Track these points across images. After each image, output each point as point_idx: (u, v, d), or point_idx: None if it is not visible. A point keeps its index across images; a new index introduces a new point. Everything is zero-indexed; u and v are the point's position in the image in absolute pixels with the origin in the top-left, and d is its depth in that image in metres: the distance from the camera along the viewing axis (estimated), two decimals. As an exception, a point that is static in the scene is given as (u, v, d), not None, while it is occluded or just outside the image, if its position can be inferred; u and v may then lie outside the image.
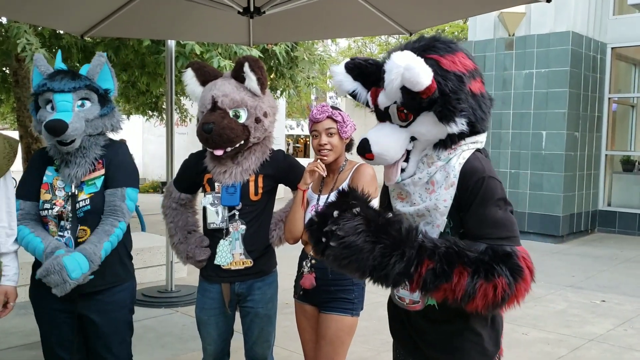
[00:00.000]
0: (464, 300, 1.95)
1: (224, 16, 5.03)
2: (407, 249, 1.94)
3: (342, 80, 2.28)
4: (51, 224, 2.99)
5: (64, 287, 2.79)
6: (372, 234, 1.93)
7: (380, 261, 1.92)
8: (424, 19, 5.20)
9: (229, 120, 3.14)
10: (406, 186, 2.19)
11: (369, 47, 28.98)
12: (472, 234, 2.08)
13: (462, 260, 1.95)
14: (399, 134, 2.14)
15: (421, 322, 2.29)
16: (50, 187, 3.00)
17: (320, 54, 9.98)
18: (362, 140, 2.16)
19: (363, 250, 1.91)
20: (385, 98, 2.14)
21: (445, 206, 2.11)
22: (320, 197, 3.24)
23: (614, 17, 12.37)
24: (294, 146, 41.37)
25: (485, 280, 1.92)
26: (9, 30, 6.77)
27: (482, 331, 2.24)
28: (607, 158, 12.77)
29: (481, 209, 2.07)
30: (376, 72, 2.18)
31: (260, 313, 3.33)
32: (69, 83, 2.93)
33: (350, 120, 3.23)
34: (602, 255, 10.14)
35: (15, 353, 5.09)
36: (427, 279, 1.94)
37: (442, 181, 2.13)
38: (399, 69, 1.97)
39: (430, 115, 2.08)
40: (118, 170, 3.07)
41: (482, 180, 2.09)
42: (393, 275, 1.94)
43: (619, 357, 5.27)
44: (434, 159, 2.15)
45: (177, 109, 13.24)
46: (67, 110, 2.90)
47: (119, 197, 3.01)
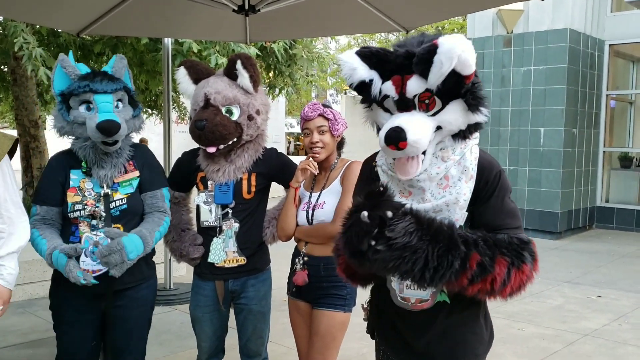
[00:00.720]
0: (499, 289, 2.00)
1: (220, 14, 5.04)
2: (460, 245, 1.96)
3: (357, 68, 2.16)
4: (83, 224, 3.01)
5: (122, 267, 2.87)
6: (426, 234, 1.93)
7: (440, 262, 1.92)
8: (421, 16, 5.21)
9: (221, 117, 3.16)
10: (420, 182, 2.14)
11: (369, 44, 28.96)
12: (490, 224, 2.13)
13: (500, 250, 2.02)
14: (429, 123, 2.08)
15: (422, 320, 2.27)
16: (79, 190, 3.02)
17: (319, 52, 9.97)
18: (395, 128, 2.04)
19: (418, 250, 1.91)
20: (418, 84, 2.06)
21: (465, 200, 2.13)
22: (312, 194, 3.26)
23: (611, 14, 12.38)
24: (294, 144, 41.32)
25: (517, 268, 2.02)
26: (6, 28, 6.78)
27: (482, 321, 2.31)
28: (605, 155, 12.79)
29: (499, 201, 2.16)
30: (398, 59, 2.11)
31: (254, 310, 3.35)
32: (109, 84, 2.98)
33: (341, 118, 3.25)
34: (599, 251, 10.17)
35: (13, 351, 5.11)
36: (475, 272, 1.97)
37: (460, 175, 2.14)
38: (456, 50, 1.93)
39: (459, 104, 2.09)
40: (153, 172, 3.20)
41: (499, 174, 2.18)
42: (449, 274, 1.95)
43: (613, 351, 5.30)
44: (449, 152, 2.14)
45: (176, 107, 13.26)
46: (109, 111, 2.95)
47: (160, 199, 3.18)
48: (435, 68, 1.98)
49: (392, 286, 2.28)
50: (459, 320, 2.26)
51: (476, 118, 2.12)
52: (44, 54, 6.61)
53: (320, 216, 3.17)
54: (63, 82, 3.03)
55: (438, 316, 2.25)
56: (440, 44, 1.96)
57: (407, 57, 2.08)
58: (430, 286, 2.02)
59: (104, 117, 2.89)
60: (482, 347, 2.32)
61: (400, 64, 2.10)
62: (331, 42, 28.21)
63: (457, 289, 2.04)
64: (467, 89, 2.06)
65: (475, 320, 2.30)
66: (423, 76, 2.04)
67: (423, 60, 2.01)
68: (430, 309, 2.23)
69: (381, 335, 2.51)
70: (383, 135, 2.07)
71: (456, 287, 2.02)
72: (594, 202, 12.60)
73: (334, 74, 29.59)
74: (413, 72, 2.06)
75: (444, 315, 2.24)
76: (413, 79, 2.06)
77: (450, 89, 2.04)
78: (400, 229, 1.90)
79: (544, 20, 11.24)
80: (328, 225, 3.12)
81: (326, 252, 3.14)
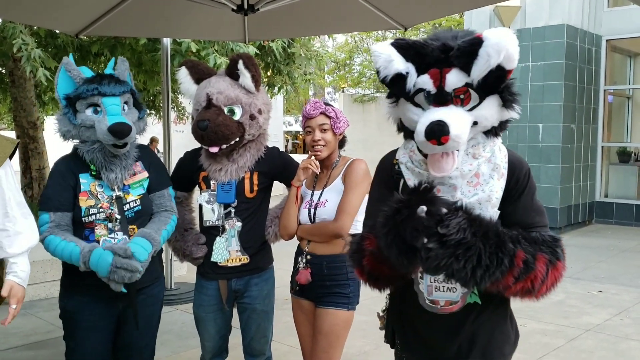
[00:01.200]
0: (538, 287, 1.99)
1: (219, 13, 5.04)
2: (508, 242, 1.94)
3: (394, 60, 2.07)
4: (99, 227, 2.99)
5: (135, 275, 2.85)
6: (478, 230, 1.89)
7: (491, 259, 1.89)
8: (418, 13, 5.21)
9: (223, 117, 3.17)
10: (452, 179, 2.09)
11: (366, 41, 28.95)
12: (521, 223, 2.10)
13: (539, 247, 2.01)
14: (467, 118, 2.04)
15: (452, 323, 2.22)
16: (90, 193, 3.01)
17: (317, 50, 9.97)
18: (438, 122, 1.96)
19: (472, 248, 1.86)
20: (458, 78, 2.01)
21: (497, 197, 2.10)
22: (314, 193, 3.26)
23: (608, 9, 12.40)
24: (292, 143, 41.34)
25: (553, 265, 2.01)
26: (4, 30, 6.77)
27: (509, 321, 2.31)
28: (604, 150, 12.81)
29: (529, 199, 2.15)
30: (435, 52, 2.05)
31: (258, 309, 3.36)
32: (117, 87, 2.98)
33: (343, 116, 3.25)
34: (599, 246, 10.18)
35: (15, 353, 5.11)
36: (521, 270, 1.95)
37: (491, 173, 2.12)
38: (504, 43, 1.91)
39: (495, 99, 2.06)
40: (159, 173, 3.23)
41: (529, 172, 2.17)
42: (498, 273, 1.91)
43: (615, 346, 5.31)
44: (481, 149, 2.11)
45: (175, 107, 13.24)
46: (118, 114, 2.95)
47: (167, 198, 3.23)
48: (481, 61, 1.94)
49: (420, 289, 2.22)
50: (488, 321, 2.23)
51: (509, 114, 2.11)
52: (42, 55, 6.60)
53: (322, 214, 3.17)
54: (68, 85, 3.01)
55: (467, 319, 2.21)
56: (487, 37, 1.93)
57: (444, 50, 2.03)
58: (477, 285, 1.95)
59: (114, 120, 2.89)
60: (510, 347, 2.31)
61: (437, 57, 2.04)
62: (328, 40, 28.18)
63: (501, 288, 1.99)
64: (505, 85, 2.04)
65: (503, 321, 2.28)
66: (464, 70, 1.99)
67: (466, 53, 1.97)
68: (459, 312, 2.18)
69: (404, 343, 2.44)
70: (423, 129, 1.99)
71: (500, 286, 1.97)
72: (593, 197, 12.61)
73: (332, 72, 29.64)
74: (451, 66, 2.01)
75: (473, 317, 2.21)
76: (453, 72, 2.01)
77: (490, 83, 2.00)
78: (454, 224, 1.85)
79: (541, 16, 11.26)
80: (330, 224, 3.12)
81: (329, 250, 3.16)
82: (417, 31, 24.40)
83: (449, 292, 2.16)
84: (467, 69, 1.98)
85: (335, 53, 29.25)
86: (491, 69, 1.95)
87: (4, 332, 5.55)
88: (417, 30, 24.37)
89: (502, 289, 1.99)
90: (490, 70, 1.95)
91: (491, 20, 11.81)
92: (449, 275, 1.92)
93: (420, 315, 2.26)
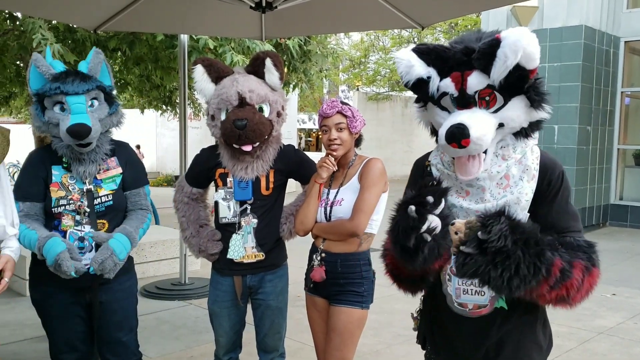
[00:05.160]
0: (573, 295, 1.95)
1: (236, 11, 5.06)
2: (546, 251, 1.89)
3: (414, 65, 2.09)
4: (67, 217, 3.03)
5: (115, 269, 2.96)
6: (519, 238, 1.84)
7: (529, 269, 1.84)
8: (435, 12, 5.21)
9: (259, 116, 3.19)
10: (480, 181, 2.09)
11: (382, 40, 28.92)
12: (555, 227, 2.07)
13: (576, 254, 1.97)
14: (491, 120, 2.03)
15: (480, 327, 2.21)
16: (61, 185, 3.05)
17: (333, 47, 9.97)
18: (458, 125, 1.97)
19: (512, 256, 1.82)
20: (479, 80, 2.01)
21: (526, 200, 2.08)
22: (330, 191, 3.26)
23: (627, 10, 12.31)
24: (305, 140, 41.34)
25: (589, 272, 1.97)
26: (24, 24, 6.82)
27: (539, 328, 2.25)
28: (619, 152, 12.73)
29: (563, 202, 2.11)
30: (456, 55, 2.06)
31: (272, 305, 3.37)
32: (81, 85, 2.96)
33: (359, 115, 3.25)
34: (613, 249, 10.13)
35: (29, 345, 5.16)
36: (557, 279, 1.91)
37: (521, 174, 2.09)
38: (522, 43, 1.89)
39: (521, 100, 2.04)
40: (135, 170, 3.26)
41: (562, 174, 2.13)
42: (534, 282, 1.87)
43: (629, 350, 5.28)
44: (510, 151, 2.09)
45: (190, 103, 13.28)
46: (81, 112, 2.95)
47: (142, 197, 3.27)
48: (499, 62, 1.93)
49: (449, 291, 2.22)
50: (516, 327, 2.20)
51: (539, 115, 2.08)
52: (62, 49, 6.64)
53: (338, 213, 3.18)
54: (37, 81, 3.01)
55: (494, 324, 2.18)
56: (504, 37, 1.92)
57: (465, 53, 2.03)
58: (511, 294, 1.91)
59: (74, 120, 2.89)
60: (540, 355, 2.26)
61: (459, 60, 2.04)
62: (344, 38, 28.18)
63: (534, 296, 1.96)
64: (530, 85, 2.02)
65: (532, 327, 2.23)
66: (485, 72, 1.99)
67: (485, 55, 1.97)
68: (487, 316, 2.17)
69: (433, 346, 2.44)
70: (444, 132, 2.00)
71: (534, 294, 1.94)
72: (608, 199, 12.54)
73: (347, 70, 29.61)
74: (473, 68, 2.01)
75: (499, 323, 2.18)
76: (474, 74, 2.01)
77: (512, 84, 1.99)
78: (496, 231, 1.80)
79: (558, 17, 11.20)
80: (346, 222, 3.13)
81: (344, 248, 3.17)
82: (433, 30, 24.34)
83: (477, 295, 2.15)
84: (488, 70, 1.98)
85: (351, 51, 29.24)
86: (510, 69, 1.94)
87: (19, 324, 5.61)
88: (434, 30, 24.31)
89: (535, 297, 1.97)
90: (510, 70, 1.94)
91: (508, 20, 11.76)
92: (483, 282, 1.88)
93: (450, 318, 2.26)
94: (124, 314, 3.20)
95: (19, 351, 5.00)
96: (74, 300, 3.08)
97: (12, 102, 14.76)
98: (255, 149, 3.23)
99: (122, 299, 3.18)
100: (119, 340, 3.19)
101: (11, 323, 5.67)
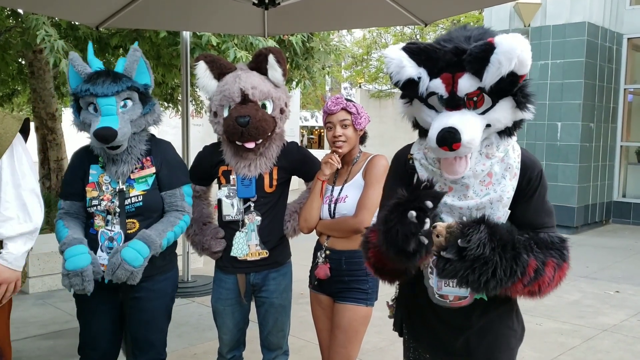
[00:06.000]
0: (544, 289, 2.01)
1: (238, 7, 5.05)
2: (522, 254, 1.95)
3: (405, 65, 2.07)
4: (98, 218, 3.04)
5: (133, 276, 2.90)
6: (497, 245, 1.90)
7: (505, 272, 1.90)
8: (438, 9, 5.20)
9: (262, 113, 3.18)
10: (465, 179, 2.10)
11: (384, 37, 28.90)
12: (532, 223, 2.13)
13: (549, 252, 2.03)
14: (479, 122, 2.03)
15: (460, 317, 2.26)
16: (97, 185, 3.06)
17: (336, 44, 9.95)
18: (449, 129, 1.97)
19: (489, 262, 1.88)
20: (470, 83, 2.00)
21: (508, 197, 2.11)
22: (334, 188, 3.26)
23: (630, 7, 12.28)
24: (308, 137, 41.36)
25: (560, 267, 2.04)
26: (27, 21, 6.82)
27: (514, 315, 2.33)
28: (622, 149, 12.70)
29: (540, 200, 2.16)
30: (447, 56, 2.04)
31: (275, 303, 3.37)
32: (111, 87, 2.94)
33: (364, 112, 3.25)
34: (616, 246, 10.12)
35: (33, 343, 5.16)
36: (531, 278, 1.97)
37: (503, 172, 2.12)
38: (516, 51, 1.89)
39: (508, 101, 2.05)
40: (173, 170, 3.18)
41: (541, 172, 2.17)
42: (510, 282, 1.93)
43: (632, 347, 5.27)
44: (494, 149, 2.11)
45: (193, 101, 13.27)
46: (112, 114, 2.94)
47: (179, 198, 3.17)
48: (492, 68, 1.93)
49: (430, 284, 2.25)
50: (495, 316, 2.26)
51: (523, 115, 2.10)
52: (65, 46, 6.64)
53: (342, 210, 3.17)
54: (74, 81, 3.04)
55: (473, 313, 2.24)
56: (499, 44, 1.91)
57: (456, 53, 2.02)
58: (487, 293, 1.98)
59: (102, 124, 2.88)
60: (516, 340, 2.34)
61: (449, 61, 2.03)
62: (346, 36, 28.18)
63: (508, 293, 2.02)
64: (518, 87, 2.02)
65: (509, 316, 2.31)
66: (476, 75, 1.98)
67: (477, 59, 1.95)
68: (467, 307, 2.21)
69: (412, 333, 2.47)
70: (435, 135, 2.00)
71: (509, 291, 2.00)
72: (611, 197, 12.52)
73: (349, 67, 29.60)
74: (464, 70, 2.00)
75: (480, 312, 2.24)
76: (465, 77, 2.00)
77: (502, 88, 1.99)
78: (475, 240, 1.86)
79: (561, 14, 11.17)
80: (350, 219, 3.13)
81: (348, 245, 3.17)
82: (435, 27, 24.31)
83: (458, 287, 2.14)
84: (479, 74, 1.98)
85: (353, 48, 29.24)
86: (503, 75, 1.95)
87: (23, 322, 5.61)
88: (436, 27, 24.29)
89: (510, 292, 2.02)
90: (502, 77, 1.95)
91: (511, 17, 11.74)
92: (461, 284, 1.94)
93: (429, 307, 2.30)
94: (152, 313, 3.17)
95: (22, 349, 5.00)
96: (106, 299, 3.07)
97: (15, 99, 14.78)
98: (258, 146, 3.22)
99: (153, 299, 3.14)
100: (145, 339, 3.19)
101: (15, 320, 5.63)
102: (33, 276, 6.48)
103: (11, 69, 10.80)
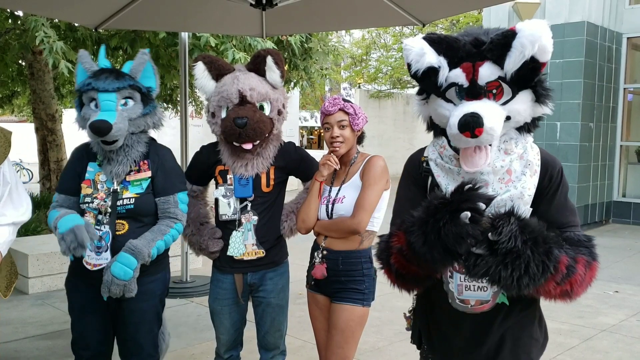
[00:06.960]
0: (576, 289, 1.98)
1: (236, 8, 5.06)
2: (554, 249, 1.91)
3: (426, 53, 2.06)
4: (89, 215, 3.04)
5: (128, 287, 2.93)
6: (528, 238, 1.86)
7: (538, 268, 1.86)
8: (437, 9, 5.20)
9: (260, 114, 3.19)
10: (484, 175, 2.08)
11: (383, 37, 28.89)
12: (556, 222, 2.09)
13: (579, 250, 2.01)
14: (501, 111, 2.02)
15: (481, 327, 2.21)
16: (93, 182, 3.07)
17: (334, 45, 9.95)
18: (472, 114, 1.95)
19: (522, 256, 1.83)
20: (491, 71, 2.01)
21: (529, 195, 2.09)
22: (332, 189, 3.26)
23: (629, 6, 12.28)
24: (307, 138, 41.35)
25: (590, 266, 2.01)
26: (26, 23, 6.83)
27: (537, 323, 2.28)
28: (622, 149, 12.70)
29: (562, 198, 2.14)
30: (466, 46, 2.05)
31: (272, 303, 3.37)
32: (113, 83, 2.97)
33: (362, 112, 3.25)
34: (616, 246, 10.11)
35: (32, 343, 5.16)
36: (564, 275, 1.93)
37: (523, 169, 2.10)
38: (538, 35, 1.89)
39: (528, 94, 2.05)
40: (168, 176, 3.17)
41: (561, 170, 2.16)
42: (543, 279, 1.89)
43: (631, 347, 5.27)
44: (513, 145, 2.09)
45: (192, 101, 13.28)
46: (110, 110, 2.95)
47: (172, 204, 3.15)
48: (515, 52, 1.93)
49: (450, 288, 2.20)
50: (517, 323, 2.21)
51: (542, 110, 2.10)
52: (64, 47, 6.65)
53: (340, 210, 3.18)
54: (80, 77, 3.07)
55: (495, 320, 2.19)
56: (521, 29, 1.92)
57: (476, 44, 2.03)
58: (520, 291, 1.91)
59: (99, 117, 2.90)
60: (538, 350, 2.29)
61: (469, 51, 2.04)
62: (345, 36, 28.16)
63: (541, 293, 1.99)
64: (537, 79, 2.02)
65: (531, 323, 2.26)
66: (497, 63, 1.99)
67: (499, 46, 1.96)
68: (488, 313, 2.16)
69: (430, 345, 2.43)
70: (456, 121, 1.98)
71: (541, 290, 1.97)
72: (611, 196, 12.52)
73: (348, 68, 29.59)
74: (484, 59, 2.01)
75: (501, 319, 2.19)
76: (486, 65, 2.01)
77: (523, 77, 1.99)
78: (506, 232, 1.82)
79: (560, 13, 11.17)
80: (348, 220, 3.13)
81: (345, 246, 3.17)
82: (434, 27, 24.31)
83: (479, 291, 2.14)
84: (501, 62, 1.98)
85: (352, 49, 29.23)
86: (525, 60, 1.94)
87: (22, 322, 5.61)
88: (435, 27, 24.28)
89: (542, 293, 1.99)
90: (523, 63, 1.94)
91: (510, 16, 11.74)
92: (493, 282, 1.89)
93: (448, 317, 2.25)
94: (141, 315, 3.16)
95: (20, 349, 5.00)
96: (96, 296, 3.05)
97: (15, 101, 14.80)
98: (256, 147, 3.23)
99: (142, 300, 3.12)
100: (135, 341, 3.18)
101: (13, 321, 5.67)
102: (32, 276, 6.50)
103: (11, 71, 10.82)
